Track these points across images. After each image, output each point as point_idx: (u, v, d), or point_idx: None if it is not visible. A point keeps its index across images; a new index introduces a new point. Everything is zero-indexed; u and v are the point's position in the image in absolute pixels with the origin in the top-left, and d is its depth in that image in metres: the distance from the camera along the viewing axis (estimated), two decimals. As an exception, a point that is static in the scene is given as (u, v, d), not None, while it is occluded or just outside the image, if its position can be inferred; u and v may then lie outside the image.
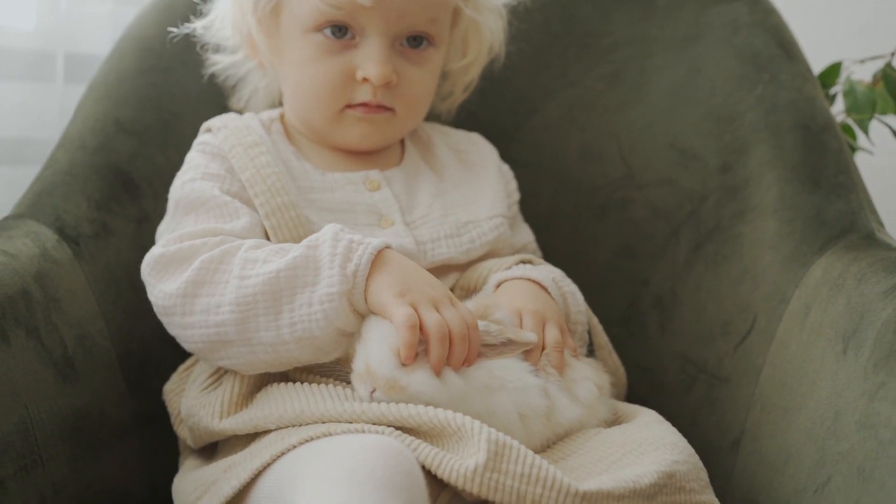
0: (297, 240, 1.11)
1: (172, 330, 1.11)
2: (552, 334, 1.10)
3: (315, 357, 1.07)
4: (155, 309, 1.12)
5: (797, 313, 1.19)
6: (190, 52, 1.37)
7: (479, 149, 1.34)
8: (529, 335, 1.06)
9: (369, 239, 1.05)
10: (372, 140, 1.23)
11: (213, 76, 1.34)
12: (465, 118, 1.39)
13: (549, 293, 1.17)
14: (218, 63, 1.33)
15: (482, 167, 1.31)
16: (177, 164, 1.23)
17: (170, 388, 1.21)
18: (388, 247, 1.06)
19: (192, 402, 1.13)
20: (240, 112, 1.32)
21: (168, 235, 1.14)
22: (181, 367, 1.21)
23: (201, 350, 1.10)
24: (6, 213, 1.26)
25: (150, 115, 1.35)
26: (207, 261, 1.07)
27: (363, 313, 1.05)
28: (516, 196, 1.33)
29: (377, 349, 1.02)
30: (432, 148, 1.32)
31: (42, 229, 1.20)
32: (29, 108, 1.48)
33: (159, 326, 1.13)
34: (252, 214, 1.15)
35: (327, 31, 1.18)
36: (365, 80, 1.18)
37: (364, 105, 1.20)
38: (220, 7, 1.28)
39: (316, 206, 1.18)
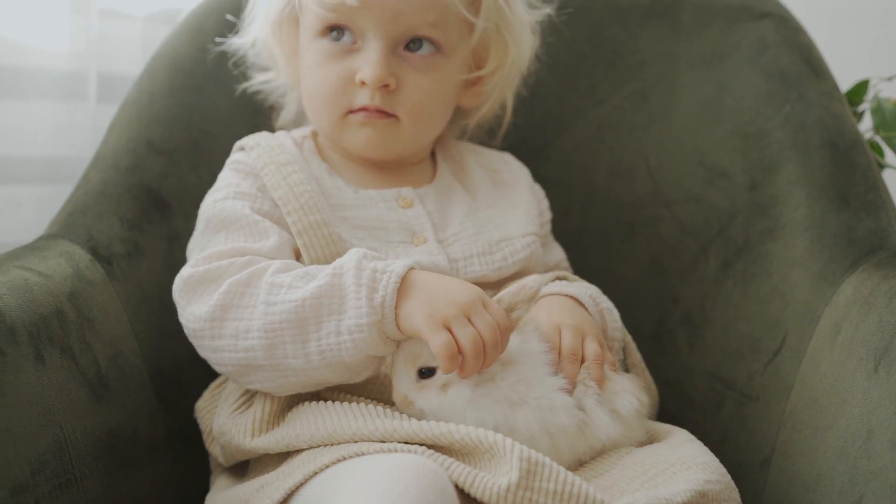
0: (330, 258, 1.12)
1: (203, 353, 1.11)
2: (591, 347, 1.10)
3: (346, 378, 1.08)
4: (185, 331, 1.12)
5: (827, 331, 1.18)
6: (221, 71, 1.38)
7: (512, 168, 1.34)
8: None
9: (393, 264, 1.04)
10: (377, 147, 1.22)
11: (245, 94, 1.36)
12: (487, 130, 1.39)
13: (586, 309, 1.18)
14: (258, 81, 1.35)
15: (514, 187, 1.31)
16: (208, 183, 1.24)
17: (201, 406, 1.21)
18: (412, 268, 1.05)
19: (224, 420, 1.14)
20: (278, 129, 1.33)
21: (198, 255, 1.14)
22: (213, 385, 1.22)
23: (232, 373, 1.11)
24: (38, 232, 1.27)
25: (181, 135, 1.36)
26: (234, 283, 1.08)
27: (397, 338, 1.05)
28: (548, 215, 1.33)
29: (399, 366, 1.05)
30: (465, 167, 1.32)
31: (75, 249, 1.21)
32: (62, 128, 1.49)
33: (190, 345, 1.13)
34: (281, 234, 1.15)
35: (331, 37, 1.20)
36: (363, 83, 1.18)
37: (364, 110, 1.20)
38: (255, 27, 1.29)
39: (349, 223, 1.19)
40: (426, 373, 1.05)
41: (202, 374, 1.23)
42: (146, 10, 1.58)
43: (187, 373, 1.25)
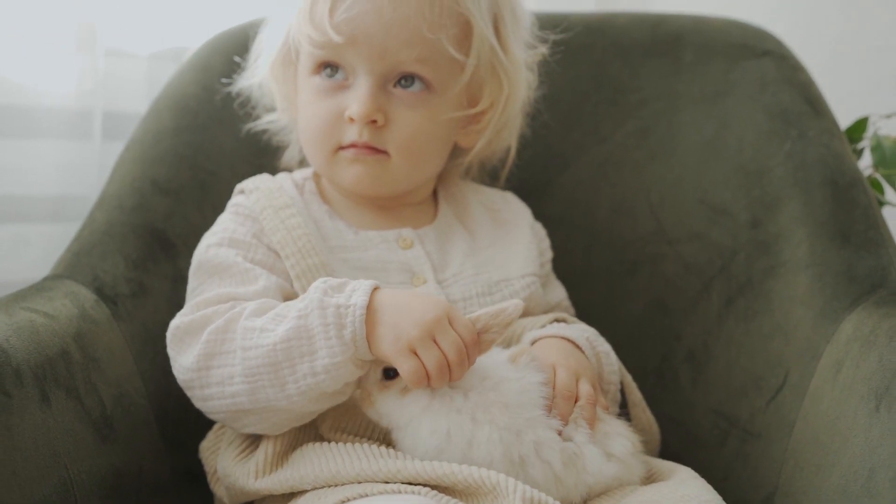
0: None
1: (196, 403, 1.13)
2: (585, 389, 1.11)
3: (333, 403, 1.09)
4: (179, 383, 1.13)
5: (829, 369, 1.19)
6: (225, 111, 1.39)
7: (513, 208, 1.35)
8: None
9: (355, 294, 1.05)
10: (367, 183, 1.23)
11: (250, 134, 1.37)
12: (490, 171, 1.40)
13: (582, 352, 1.18)
14: (264, 121, 1.36)
15: (515, 226, 1.32)
16: (212, 223, 1.25)
17: (206, 447, 1.22)
18: (375, 288, 1.06)
19: (228, 463, 1.14)
20: (283, 168, 1.35)
21: (188, 301, 1.16)
22: (217, 425, 1.22)
23: (224, 420, 1.12)
24: (46, 270, 1.28)
25: (186, 174, 1.37)
26: (213, 332, 1.09)
27: (370, 359, 1.06)
28: (549, 254, 1.34)
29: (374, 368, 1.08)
30: (466, 206, 1.33)
31: (81, 289, 1.22)
32: (68, 166, 1.50)
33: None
34: (269, 278, 1.16)
35: (325, 74, 1.21)
36: (351, 119, 1.19)
37: (353, 146, 1.20)
38: (260, 69, 1.30)
39: (349, 265, 1.20)
40: (391, 374, 1.07)
41: (206, 416, 1.23)
42: (151, 49, 1.59)
43: (192, 412, 1.25)
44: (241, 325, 1.07)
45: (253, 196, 1.22)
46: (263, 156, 1.39)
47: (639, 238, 1.43)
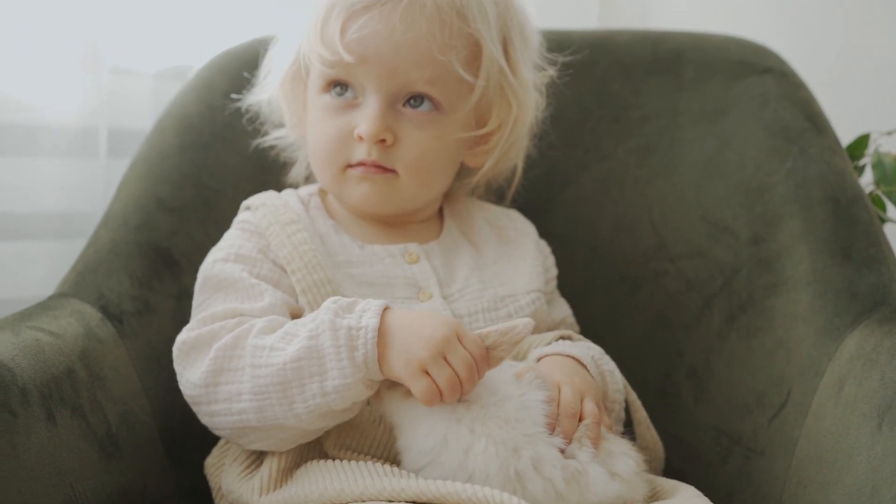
0: None
1: (202, 419, 1.13)
2: (590, 407, 1.11)
3: (339, 420, 1.10)
4: (185, 398, 1.14)
5: (831, 387, 1.19)
6: (229, 129, 1.40)
7: (518, 225, 1.35)
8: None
9: (366, 315, 1.05)
10: (375, 201, 1.23)
11: (254, 152, 1.38)
12: (500, 191, 1.41)
13: (587, 370, 1.18)
14: (272, 137, 1.36)
15: (520, 243, 1.32)
16: (216, 240, 1.25)
17: (210, 463, 1.22)
18: (385, 308, 1.07)
19: (232, 479, 1.15)
20: (289, 185, 1.36)
21: (195, 316, 1.17)
22: (221, 442, 1.23)
23: (230, 436, 1.13)
24: (51, 287, 1.28)
25: (191, 192, 1.37)
26: (222, 348, 1.09)
27: (379, 380, 1.07)
28: (554, 272, 1.34)
29: None
30: (471, 223, 1.33)
31: (86, 308, 1.22)
32: (73, 184, 1.50)
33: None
34: (275, 294, 1.16)
35: (334, 92, 1.22)
36: (360, 137, 1.20)
37: (362, 164, 1.21)
38: (270, 84, 1.31)
39: (355, 280, 1.20)
40: None
41: (211, 431, 1.24)
42: (156, 67, 1.60)
43: (197, 430, 1.25)
44: (251, 342, 1.08)
45: (259, 212, 1.23)
46: (267, 173, 1.40)
47: (641, 254, 1.44)
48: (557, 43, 1.36)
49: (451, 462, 1.04)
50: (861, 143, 1.54)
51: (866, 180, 1.54)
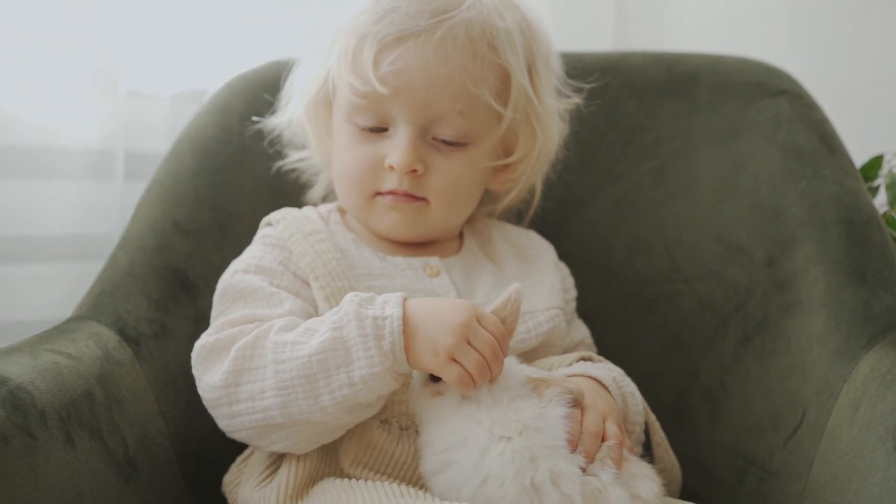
0: None
1: (221, 422, 1.13)
2: (612, 429, 1.11)
3: (363, 416, 1.11)
4: (204, 402, 1.14)
5: (846, 408, 1.19)
6: (245, 152, 1.41)
7: (537, 245, 1.36)
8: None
9: (388, 306, 1.07)
10: (404, 229, 1.25)
11: (269, 175, 1.39)
12: (516, 213, 1.42)
13: (609, 392, 1.19)
14: (294, 159, 1.37)
15: (540, 262, 1.33)
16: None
17: (229, 480, 1.23)
18: (404, 302, 1.08)
19: (249, 494, 1.15)
20: (306, 205, 1.36)
21: (213, 323, 1.18)
22: (239, 459, 1.23)
23: (251, 437, 1.12)
24: (69, 309, 1.29)
25: (207, 215, 1.38)
26: (242, 348, 1.10)
27: (406, 373, 1.08)
28: (573, 293, 1.35)
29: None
30: (491, 242, 1.34)
31: (104, 330, 1.23)
32: (91, 206, 1.52)
33: (216, 424, 1.14)
34: (295, 302, 1.17)
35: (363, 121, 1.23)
36: (392, 167, 1.21)
37: (392, 193, 1.23)
38: (292, 106, 1.32)
39: (375, 292, 1.19)
40: (436, 377, 1.10)
41: (228, 452, 1.24)
42: (173, 90, 1.61)
43: (213, 451, 1.27)
44: (272, 339, 1.09)
45: (280, 225, 1.24)
46: (283, 196, 1.41)
47: (655, 276, 1.44)
48: (571, 65, 1.37)
49: (467, 462, 1.04)
50: (875, 164, 1.54)
51: (880, 201, 1.54)
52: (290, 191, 1.41)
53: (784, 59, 1.52)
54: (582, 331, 1.35)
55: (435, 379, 1.09)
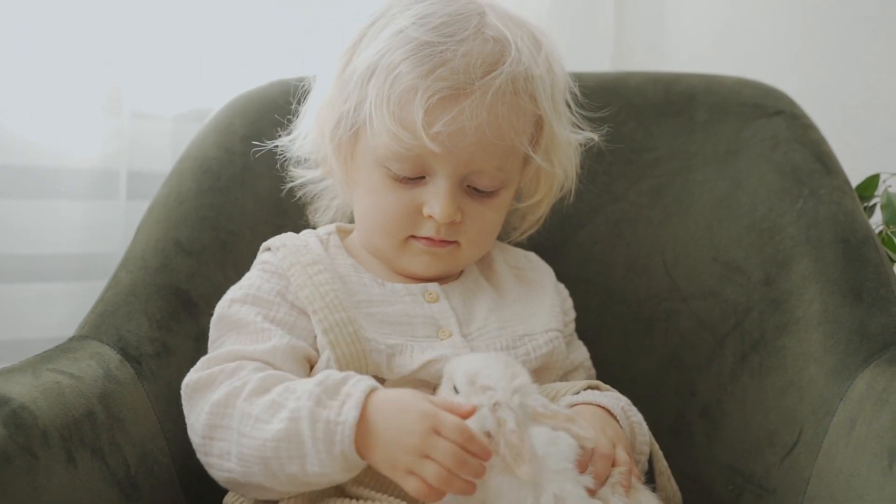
0: (354, 355, 1.15)
1: (203, 461, 1.14)
2: (623, 456, 1.12)
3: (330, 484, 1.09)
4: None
5: (842, 426, 1.20)
6: (247, 172, 1.42)
7: (536, 267, 1.37)
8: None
9: (346, 410, 1.03)
10: (435, 270, 1.25)
11: (271, 195, 1.40)
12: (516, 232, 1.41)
13: (617, 421, 1.19)
14: (298, 177, 1.36)
15: (540, 284, 1.33)
16: (234, 282, 1.26)
17: (230, 500, 1.22)
18: (366, 397, 1.04)
19: None
20: (314, 226, 1.36)
21: (206, 354, 1.18)
22: (241, 478, 1.24)
23: (226, 486, 1.14)
24: (72, 327, 1.30)
25: (208, 235, 1.39)
26: (216, 404, 1.10)
27: (363, 465, 1.06)
28: (572, 314, 1.35)
29: (443, 377, 1.13)
30: (491, 263, 1.34)
31: (105, 350, 1.24)
32: (94, 225, 1.53)
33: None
34: (282, 339, 1.16)
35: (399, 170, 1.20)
36: (431, 217, 1.20)
37: (428, 239, 1.22)
38: (304, 124, 1.31)
39: (375, 319, 1.20)
40: (457, 389, 1.09)
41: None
42: (175, 111, 1.62)
43: (214, 470, 1.28)
44: (240, 407, 1.08)
45: (280, 253, 1.24)
46: (284, 216, 1.42)
47: (654, 295, 1.45)
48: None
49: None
50: (871, 183, 1.55)
51: (876, 220, 1.55)
52: (293, 211, 1.42)
53: (781, 80, 1.53)
54: (582, 353, 1.35)
55: (457, 391, 1.09)
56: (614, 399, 1.22)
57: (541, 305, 1.30)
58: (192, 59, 1.64)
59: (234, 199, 1.42)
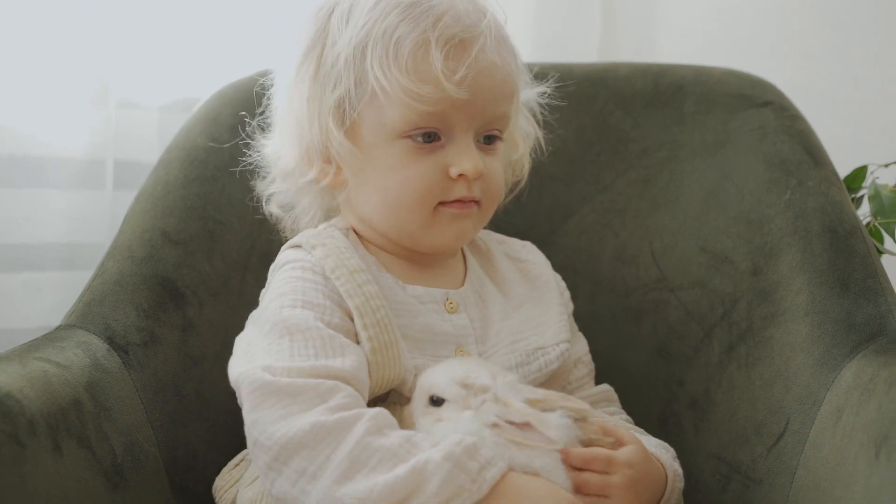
0: (391, 380, 1.13)
1: (256, 462, 1.06)
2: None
3: None
4: (245, 428, 1.08)
5: (829, 416, 1.20)
6: (234, 162, 1.40)
7: (537, 259, 1.35)
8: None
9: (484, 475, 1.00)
10: (465, 237, 1.23)
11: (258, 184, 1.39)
12: (504, 223, 1.42)
13: (666, 485, 1.18)
14: (273, 182, 1.31)
15: (543, 282, 1.32)
16: (222, 272, 1.26)
17: (220, 485, 1.22)
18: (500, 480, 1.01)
19: (254, 492, 1.14)
20: (293, 233, 1.30)
21: (275, 363, 1.08)
22: (231, 463, 1.23)
23: (261, 476, 1.07)
24: (58, 316, 1.30)
25: (196, 225, 1.38)
26: (319, 426, 1.02)
27: None
28: (571, 307, 1.35)
29: (417, 390, 1.12)
30: (491, 258, 1.32)
31: (92, 339, 1.24)
32: (80, 215, 1.52)
33: (204, 432, 1.15)
34: (357, 351, 1.11)
35: (417, 137, 1.17)
36: (460, 175, 1.17)
37: (458, 201, 1.19)
38: (282, 128, 1.27)
39: (402, 334, 1.16)
40: (436, 401, 1.09)
41: (215, 461, 1.25)
42: (162, 101, 1.62)
43: (201, 460, 1.27)
44: (352, 442, 1.01)
45: (317, 252, 1.18)
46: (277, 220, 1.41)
47: (642, 285, 1.45)
48: (559, 76, 1.38)
49: None
50: (859, 174, 1.55)
51: (864, 212, 1.55)
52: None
53: (769, 71, 1.54)
54: (582, 346, 1.34)
55: (436, 403, 1.09)
56: (670, 459, 1.21)
57: (550, 313, 1.29)
58: (178, 49, 1.64)
59: (221, 189, 1.41)
